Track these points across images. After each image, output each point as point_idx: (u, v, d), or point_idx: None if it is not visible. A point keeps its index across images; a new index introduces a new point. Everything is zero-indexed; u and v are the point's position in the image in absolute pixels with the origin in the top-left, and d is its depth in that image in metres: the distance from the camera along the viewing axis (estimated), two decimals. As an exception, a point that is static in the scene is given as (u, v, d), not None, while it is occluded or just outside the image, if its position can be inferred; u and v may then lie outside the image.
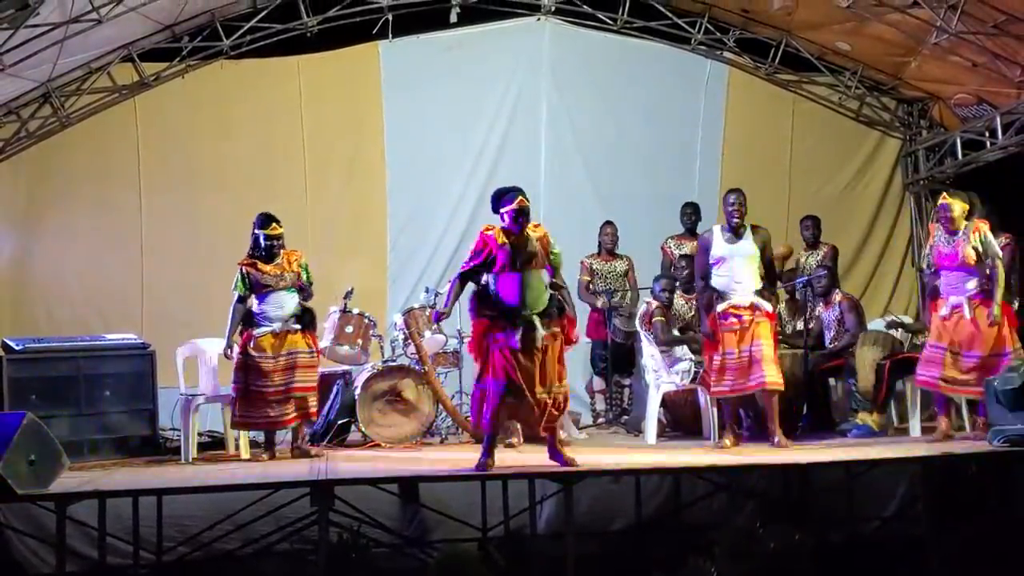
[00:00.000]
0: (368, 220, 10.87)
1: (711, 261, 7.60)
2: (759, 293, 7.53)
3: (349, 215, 10.81)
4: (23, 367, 8.19)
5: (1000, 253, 7.50)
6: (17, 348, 8.23)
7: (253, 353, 7.75)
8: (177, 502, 6.94)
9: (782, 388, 7.45)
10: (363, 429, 8.40)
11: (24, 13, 8.06)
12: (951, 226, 7.49)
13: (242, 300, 7.85)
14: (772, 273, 7.78)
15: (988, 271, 7.40)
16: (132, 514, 6.70)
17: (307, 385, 7.87)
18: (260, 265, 7.84)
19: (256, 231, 7.90)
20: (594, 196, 10.88)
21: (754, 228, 7.63)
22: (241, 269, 7.84)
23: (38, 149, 10.20)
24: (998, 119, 10.20)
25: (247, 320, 7.85)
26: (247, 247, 7.93)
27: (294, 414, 7.83)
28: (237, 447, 8.24)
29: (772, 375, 7.34)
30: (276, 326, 7.81)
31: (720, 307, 7.49)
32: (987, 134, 10.49)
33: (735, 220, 7.55)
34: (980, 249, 7.37)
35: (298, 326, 7.88)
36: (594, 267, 9.74)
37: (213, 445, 8.79)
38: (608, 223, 9.80)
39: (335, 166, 10.89)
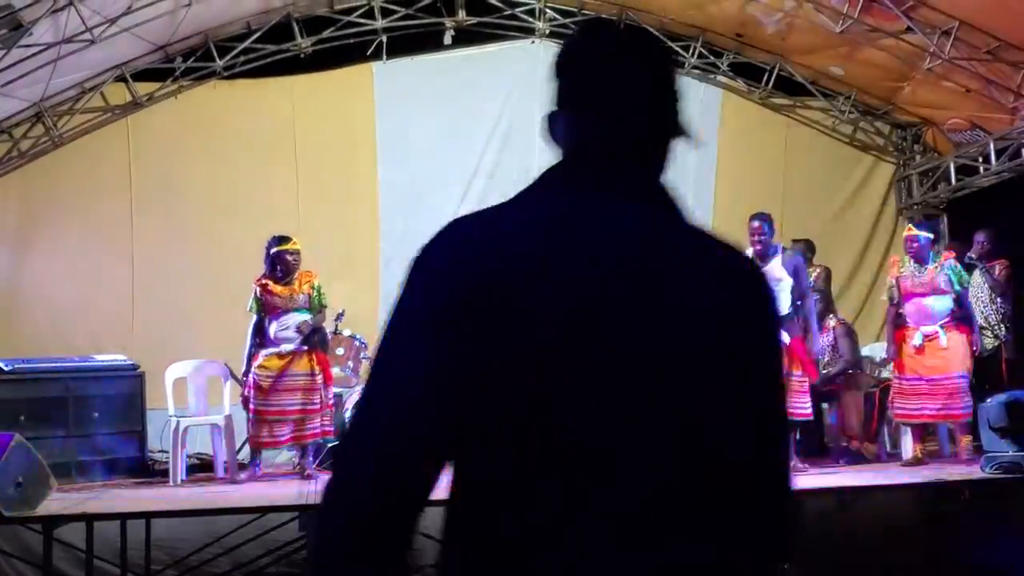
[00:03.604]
0: (360, 242, 10.82)
1: None
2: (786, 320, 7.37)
3: (341, 236, 10.75)
4: (11, 388, 8.14)
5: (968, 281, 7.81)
6: (6, 369, 8.19)
7: (258, 372, 7.71)
8: (165, 525, 6.89)
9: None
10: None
11: (17, 34, 8.05)
12: (919, 255, 7.65)
13: (259, 322, 7.82)
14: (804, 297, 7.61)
15: (959, 298, 7.61)
16: (120, 537, 6.64)
17: (307, 408, 7.79)
18: (272, 286, 7.79)
19: (274, 249, 7.81)
20: (587, 219, 10.83)
21: (784, 251, 7.61)
22: (255, 289, 7.80)
23: (30, 169, 10.15)
24: (991, 144, 10.20)
25: (260, 341, 7.82)
26: (238, 268, 7.90)
27: (289, 435, 7.79)
28: (227, 469, 8.20)
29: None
30: (284, 347, 7.76)
31: None
32: (980, 159, 10.50)
33: (757, 247, 7.43)
34: (952, 277, 7.49)
35: (306, 347, 7.82)
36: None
37: (202, 467, 8.73)
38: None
39: (328, 187, 10.84)
